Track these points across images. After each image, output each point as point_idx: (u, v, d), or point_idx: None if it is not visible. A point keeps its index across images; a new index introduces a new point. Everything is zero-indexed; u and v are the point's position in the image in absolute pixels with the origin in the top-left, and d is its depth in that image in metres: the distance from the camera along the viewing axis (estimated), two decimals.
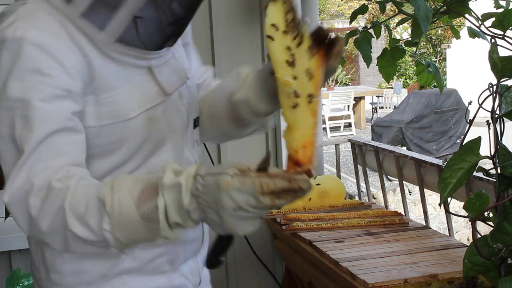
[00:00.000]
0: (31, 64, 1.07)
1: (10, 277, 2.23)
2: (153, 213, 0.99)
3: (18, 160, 1.04)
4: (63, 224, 1.02)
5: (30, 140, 1.05)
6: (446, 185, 1.46)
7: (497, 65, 1.42)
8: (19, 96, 1.06)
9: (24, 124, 1.06)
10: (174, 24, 1.18)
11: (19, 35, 1.07)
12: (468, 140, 1.52)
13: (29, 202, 1.03)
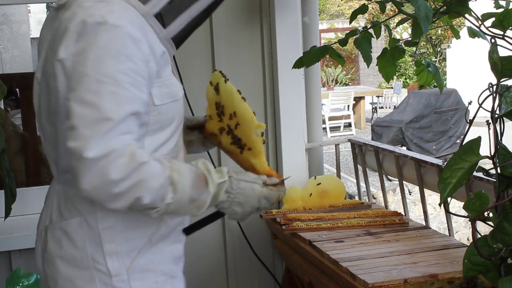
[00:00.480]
0: (126, 51, 1.30)
1: (10, 277, 2.23)
2: (203, 198, 1.40)
3: (102, 125, 1.25)
4: (137, 191, 1.29)
5: (117, 114, 1.27)
6: (446, 185, 1.46)
7: (497, 65, 1.42)
8: (111, 74, 1.28)
9: (113, 99, 1.28)
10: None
11: (119, 23, 1.31)
12: (468, 140, 1.52)
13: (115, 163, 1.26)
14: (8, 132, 2.91)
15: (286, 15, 2.61)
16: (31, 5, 8.15)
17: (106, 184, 1.26)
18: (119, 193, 1.28)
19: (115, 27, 1.31)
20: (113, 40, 1.30)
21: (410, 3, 1.43)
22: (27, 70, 7.68)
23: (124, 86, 1.29)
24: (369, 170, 2.97)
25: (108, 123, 1.26)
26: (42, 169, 3.07)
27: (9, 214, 2.02)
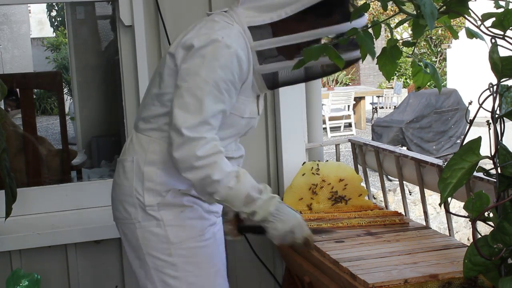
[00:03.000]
0: (230, 66, 1.75)
1: (10, 277, 2.23)
2: (256, 197, 1.80)
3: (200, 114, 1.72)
4: (210, 169, 1.73)
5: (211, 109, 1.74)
6: (446, 185, 1.46)
7: (497, 65, 1.42)
8: (216, 80, 1.73)
9: (211, 98, 1.73)
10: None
11: (231, 45, 1.75)
12: (468, 140, 1.52)
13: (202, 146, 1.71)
14: (8, 132, 2.90)
15: None
16: (31, 5, 8.16)
17: (191, 158, 1.71)
18: (197, 166, 1.71)
19: (228, 47, 1.75)
20: (224, 56, 1.74)
21: (412, 2, 1.42)
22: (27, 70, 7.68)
23: (221, 91, 1.74)
24: (370, 170, 2.97)
25: (204, 113, 1.72)
26: (42, 169, 3.07)
27: (10, 214, 2.02)
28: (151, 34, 2.59)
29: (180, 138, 1.71)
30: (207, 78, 1.72)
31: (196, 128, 1.72)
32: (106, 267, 2.63)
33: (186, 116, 1.72)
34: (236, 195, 1.78)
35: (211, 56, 1.74)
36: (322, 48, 1.51)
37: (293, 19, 1.80)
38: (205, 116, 1.72)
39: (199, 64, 1.74)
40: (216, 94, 1.74)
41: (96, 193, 2.68)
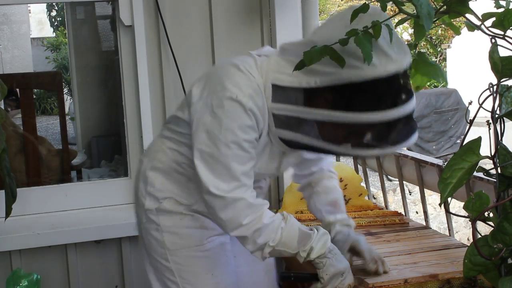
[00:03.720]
0: (250, 124, 1.65)
1: (10, 277, 2.23)
2: (309, 237, 1.71)
3: (232, 181, 1.65)
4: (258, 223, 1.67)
5: (241, 171, 1.66)
6: (446, 185, 1.46)
7: (497, 65, 1.42)
8: (238, 141, 1.65)
9: (238, 160, 1.66)
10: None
11: (246, 104, 1.63)
12: (469, 140, 1.52)
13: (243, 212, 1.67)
14: (8, 132, 2.90)
15: (286, 15, 2.61)
16: (31, 5, 8.16)
17: (238, 217, 1.66)
18: (245, 224, 1.66)
19: (243, 105, 1.63)
20: (240, 115, 1.64)
21: (412, 2, 1.42)
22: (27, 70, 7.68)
23: (246, 150, 1.66)
24: (370, 170, 2.97)
25: (235, 177, 1.65)
26: (42, 169, 3.07)
27: (10, 214, 2.02)
28: (151, 34, 2.59)
29: (220, 201, 1.66)
30: (228, 143, 1.64)
31: (232, 191, 1.66)
32: (106, 267, 2.63)
33: (218, 182, 1.65)
34: (290, 235, 1.70)
35: (227, 118, 1.64)
36: (323, 49, 1.51)
37: (323, 92, 1.59)
38: (237, 179, 1.66)
39: (217, 127, 1.65)
40: (242, 155, 1.66)
41: (96, 193, 2.68)
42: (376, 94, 1.54)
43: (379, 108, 1.54)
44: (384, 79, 1.53)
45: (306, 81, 1.59)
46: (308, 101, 1.61)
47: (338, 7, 20.21)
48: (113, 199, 2.69)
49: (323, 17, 19.51)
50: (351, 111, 1.55)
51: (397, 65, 1.54)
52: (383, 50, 1.52)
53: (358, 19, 1.47)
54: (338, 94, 1.57)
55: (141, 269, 2.63)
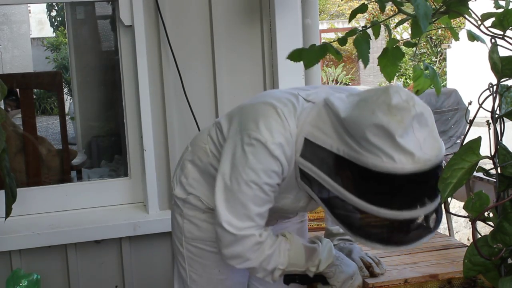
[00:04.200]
0: (274, 169, 1.64)
1: (10, 277, 2.23)
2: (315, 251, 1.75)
3: (246, 220, 1.65)
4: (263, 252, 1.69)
5: (258, 211, 1.66)
6: (446, 185, 1.46)
7: (497, 65, 1.42)
8: (260, 183, 1.63)
9: (257, 201, 1.65)
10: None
11: (275, 151, 1.62)
12: (469, 140, 1.52)
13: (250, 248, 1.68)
14: (8, 132, 2.90)
15: (286, 15, 2.61)
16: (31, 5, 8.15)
17: (244, 252, 1.67)
18: (250, 258, 1.68)
19: (270, 151, 1.62)
20: (267, 160, 1.62)
21: (410, 2, 1.43)
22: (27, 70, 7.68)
23: (266, 192, 1.65)
24: None
25: (250, 217, 1.65)
26: (42, 169, 3.07)
27: (10, 214, 2.01)
28: (151, 34, 2.59)
29: (230, 237, 1.66)
30: (249, 182, 1.63)
31: (244, 230, 1.66)
32: (106, 267, 2.63)
33: (231, 218, 1.65)
34: (297, 255, 1.73)
35: (254, 158, 1.63)
36: (323, 48, 1.51)
37: (345, 166, 1.52)
38: (251, 219, 1.66)
39: (243, 163, 1.64)
40: (261, 197, 1.65)
41: (96, 193, 2.68)
42: (388, 189, 1.47)
43: (388, 205, 1.47)
44: (399, 177, 1.44)
45: (336, 147, 1.53)
46: (330, 169, 1.56)
47: (338, 7, 20.20)
48: (113, 199, 2.69)
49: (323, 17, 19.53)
50: (361, 197, 1.49)
51: (418, 166, 1.44)
52: (407, 148, 1.43)
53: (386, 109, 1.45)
54: (355, 174, 1.50)
55: (141, 269, 2.65)
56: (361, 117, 1.47)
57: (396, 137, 1.42)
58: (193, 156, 1.90)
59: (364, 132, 1.45)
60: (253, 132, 1.64)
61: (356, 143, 1.47)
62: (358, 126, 1.46)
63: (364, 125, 1.45)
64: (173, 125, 2.62)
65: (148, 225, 2.57)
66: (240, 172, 1.64)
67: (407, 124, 1.43)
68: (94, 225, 2.54)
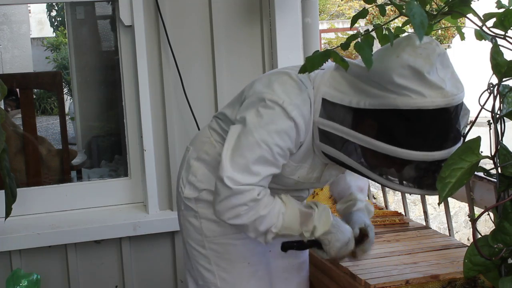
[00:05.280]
0: (289, 133, 1.64)
1: (10, 277, 2.23)
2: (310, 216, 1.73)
3: (248, 177, 1.63)
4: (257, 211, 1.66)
5: (263, 174, 1.65)
6: (445, 185, 1.46)
7: (499, 65, 1.42)
8: (270, 145, 1.62)
9: (264, 162, 1.64)
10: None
11: (291, 112, 1.62)
12: (468, 140, 1.52)
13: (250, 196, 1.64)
14: (8, 132, 2.90)
15: (286, 15, 2.61)
16: (31, 5, 8.15)
17: (237, 207, 1.64)
18: (242, 213, 1.66)
19: (287, 113, 1.62)
20: (282, 121, 1.62)
21: (405, 12, 1.43)
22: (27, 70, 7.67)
23: (274, 155, 1.64)
24: None
25: (253, 176, 1.63)
26: (42, 169, 3.07)
27: (9, 214, 2.01)
28: (151, 34, 2.59)
29: (227, 191, 1.64)
30: (260, 142, 1.63)
31: (244, 185, 1.64)
32: (106, 267, 2.63)
33: (234, 173, 1.63)
34: (291, 218, 1.71)
35: (268, 118, 1.63)
36: (326, 53, 1.51)
37: (369, 117, 1.55)
38: (253, 176, 1.64)
39: (256, 123, 1.64)
40: (268, 158, 1.64)
41: (96, 193, 2.68)
42: (420, 127, 1.50)
43: (420, 146, 1.49)
44: (430, 112, 1.47)
45: (356, 101, 1.56)
46: (354, 123, 1.58)
47: (338, 7, 20.21)
48: (113, 199, 2.69)
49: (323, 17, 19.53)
50: (391, 143, 1.51)
51: (447, 100, 1.48)
52: (436, 83, 1.47)
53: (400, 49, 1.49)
54: (383, 121, 1.53)
55: (141, 269, 2.65)
56: (386, 63, 1.50)
57: (424, 73, 1.47)
58: (197, 153, 1.89)
59: (390, 76, 1.48)
60: (268, 95, 1.65)
61: (382, 90, 1.50)
62: (383, 72, 1.50)
63: (390, 69, 1.48)
64: (173, 125, 2.62)
65: (148, 225, 2.57)
66: (252, 131, 1.63)
67: (433, 61, 1.49)
68: (94, 225, 2.54)
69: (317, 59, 1.51)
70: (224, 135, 1.80)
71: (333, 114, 1.62)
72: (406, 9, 1.41)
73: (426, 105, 1.46)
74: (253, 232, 1.70)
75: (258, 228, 1.68)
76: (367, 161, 1.60)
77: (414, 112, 1.47)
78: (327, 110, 1.63)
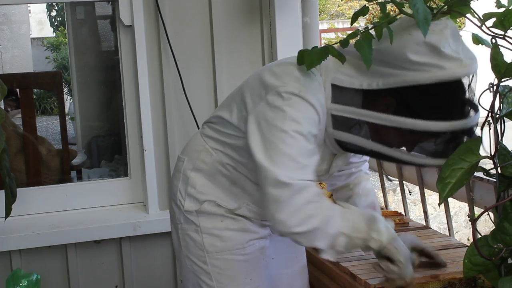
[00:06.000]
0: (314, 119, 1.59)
1: (10, 277, 2.23)
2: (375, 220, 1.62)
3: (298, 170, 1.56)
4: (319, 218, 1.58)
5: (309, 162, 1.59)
6: (445, 185, 1.46)
7: (499, 66, 1.42)
8: (303, 133, 1.57)
9: (306, 153, 1.58)
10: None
11: (309, 99, 1.58)
12: (467, 140, 1.52)
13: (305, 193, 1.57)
14: (8, 132, 2.90)
15: (286, 15, 2.61)
16: (31, 5, 8.16)
17: (306, 216, 1.57)
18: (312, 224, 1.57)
19: (306, 100, 1.58)
20: (304, 108, 1.58)
21: (409, 6, 1.42)
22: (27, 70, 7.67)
23: (311, 142, 1.59)
24: (370, 170, 2.96)
25: (302, 169, 1.57)
26: (42, 169, 3.07)
27: (9, 214, 2.01)
28: (151, 34, 2.59)
29: (287, 190, 1.55)
30: (293, 133, 1.56)
31: (300, 180, 1.56)
32: (106, 267, 2.63)
33: (284, 173, 1.55)
34: (356, 218, 1.61)
35: (291, 109, 1.57)
36: (324, 50, 1.51)
37: (385, 95, 1.55)
38: (303, 170, 1.57)
39: (281, 119, 1.57)
40: (308, 147, 1.58)
41: (96, 193, 2.68)
42: (442, 99, 1.51)
43: (444, 117, 1.50)
44: (451, 83, 1.50)
45: (367, 83, 1.56)
46: (368, 104, 1.57)
47: (338, 7, 20.21)
48: (113, 199, 2.69)
49: (323, 17, 19.52)
50: (413, 117, 1.51)
51: (466, 69, 1.50)
52: (453, 55, 1.49)
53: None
54: (401, 97, 1.53)
55: (141, 269, 2.65)
56: (399, 42, 1.49)
57: (440, 48, 1.47)
58: (193, 163, 1.81)
59: (405, 54, 1.48)
60: (282, 88, 1.60)
61: (397, 68, 1.50)
62: (396, 52, 1.49)
63: (404, 48, 1.48)
64: (173, 125, 2.62)
65: (148, 225, 2.57)
66: (281, 127, 1.57)
67: (447, 35, 1.49)
68: (94, 225, 2.54)
69: (316, 55, 1.51)
70: (223, 137, 1.76)
71: (345, 98, 1.60)
72: (409, 4, 1.41)
73: (447, 77, 1.48)
74: (323, 238, 1.58)
75: (329, 231, 1.57)
76: (389, 140, 1.58)
77: (435, 85, 1.49)
78: (338, 96, 1.61)
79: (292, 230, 1.58)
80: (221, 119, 1.77)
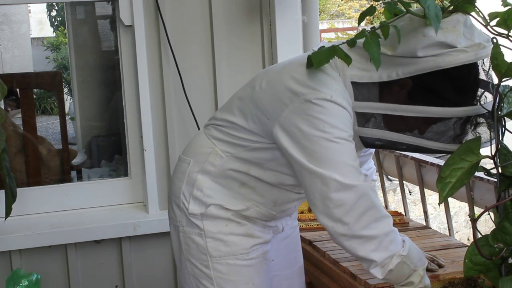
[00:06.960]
0: (347, 120, 1.57)
1: (10, 277, 2.23)
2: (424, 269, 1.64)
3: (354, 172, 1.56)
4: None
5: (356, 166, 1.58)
6: (445, 185, 1.46)
7: (499, 65, 1.42)
8: (344, 138, 1.55)
9: (352, 156, 1.57)
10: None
11: (342, 102, 1.55)
12: (468, 140, 1.52)
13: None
14: (8, 132, 2.90)
15: (286, 15, 2.61)
16: (31, 5, 8.15)
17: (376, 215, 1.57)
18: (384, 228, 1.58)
19: (339, 104, 1.55)
20: (340, 113, 1.55)
21: (419, 3, 1.42)
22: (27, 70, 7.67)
23: (352, 141, 1.57)
24: None
25: (355, 171, 1.55)
26: (42, 169, 3.07)
27: (9, 214, 2.01)
28: (151, 34, 2.59)
29: (350, 192, 1.53)
30: (336, 139, 1.54)
31: (363, 184, 1.56)
32: (106, 267, 2.63)
33: (340, 177, 1.53)
34: (412, 248, 1.63)
35: (326, 116, 1.53)
36: (331, 50, 1.51)
37: (406, 84, 1.56)
38: (356, 171, 1.57)
39: (318, 127, 1.54)
40: (352, 151, 1.57)
41: (96, 193, 2.68)
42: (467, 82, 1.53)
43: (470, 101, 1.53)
44: (475, 65, 1.52)
45: (386, 75, 1.55)
46: (390, 96, 1.57)
47: (338, 7, 20.21)
48: (113, 199, 2.69)
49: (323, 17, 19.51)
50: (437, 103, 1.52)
51: (487, 50, 1.51)
52: (470, 43, 1.51)
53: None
54: (424, 83, 1.53)
55: (141, 269, 2.65)
56: (414, 44, 1.50)
57: (457, 45, 1.49)
58: (201, 165, 1.77)
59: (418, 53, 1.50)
60: (311, 95, 1.56)
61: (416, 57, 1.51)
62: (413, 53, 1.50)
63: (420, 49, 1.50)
64: (173, 125, 2.62)
65: (148, 225, 2.57)
66: (320, 136, 1.54)
67: (460, 30, 1.50)
68: (94, 225, 2.54)
69: (324, 55, 1.51)
70: (234, 140, 1.72)
71: (367, 94, 1.59)
72: (420, 1, 1.42)
73: (470, 58, 1.49)
74: (381, 251, 1.57)
75: (389, 247, 1.56)
76: (418, 130, 1.59)
77: (458, 68, 1.50)
78: (360, 92, 1.59)
79: (357, 233, 1.55)
80: (231, 123, 1.74)
